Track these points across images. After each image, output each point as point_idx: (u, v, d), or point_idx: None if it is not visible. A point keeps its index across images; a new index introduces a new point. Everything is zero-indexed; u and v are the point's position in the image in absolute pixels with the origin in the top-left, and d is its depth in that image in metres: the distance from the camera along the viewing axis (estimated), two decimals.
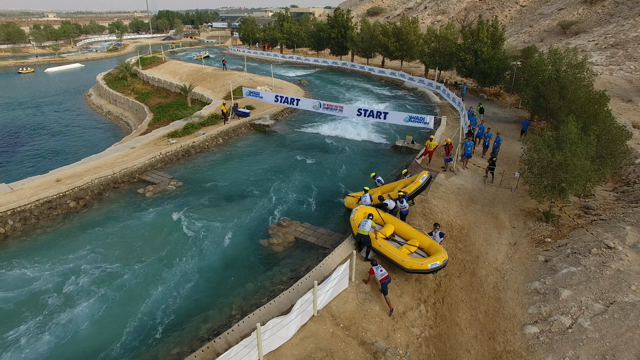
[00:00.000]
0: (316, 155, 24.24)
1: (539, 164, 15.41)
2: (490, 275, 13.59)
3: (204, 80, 45.38)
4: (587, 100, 21.50)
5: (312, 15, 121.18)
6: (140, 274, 13.56)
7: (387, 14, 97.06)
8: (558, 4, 62.79)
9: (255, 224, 16.80)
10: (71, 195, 18.26)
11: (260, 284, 13.08)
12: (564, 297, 11.66)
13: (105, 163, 21.56)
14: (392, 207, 14.77)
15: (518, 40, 56.29)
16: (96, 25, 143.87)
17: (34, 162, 29.66)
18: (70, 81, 63.93)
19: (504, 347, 10.93)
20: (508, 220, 16.50)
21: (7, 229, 16.10)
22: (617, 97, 31.77)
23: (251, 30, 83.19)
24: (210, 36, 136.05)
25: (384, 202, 14.84)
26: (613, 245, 13.12)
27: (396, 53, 50.05)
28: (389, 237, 13.80)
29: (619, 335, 10.09)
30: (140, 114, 40.25)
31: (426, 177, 16.00)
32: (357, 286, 12.02)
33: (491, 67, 34.44)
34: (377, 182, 17.09)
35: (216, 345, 9.78)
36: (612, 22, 49.00)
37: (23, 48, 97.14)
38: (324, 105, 26.61)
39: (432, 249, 12.83)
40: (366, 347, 10.19)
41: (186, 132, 26.86)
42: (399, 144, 25.29)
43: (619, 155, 17.21)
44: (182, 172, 21.74)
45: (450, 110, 33.01)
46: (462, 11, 78.49)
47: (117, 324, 11.53)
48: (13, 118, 42.52)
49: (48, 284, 13.08)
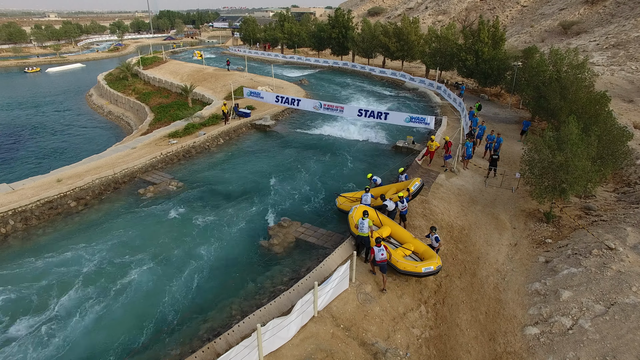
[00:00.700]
0: (317, 156, 24.24)
1: (540, 164, 15.40)
2: (490, 276, 13.58)
3: (205, 80, 45.41)
4: (588, 101, 21.49)
5: (313, 15, 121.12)
6: (140, 274, 13.57)
7: (388, 14, 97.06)
8: (559, 4, 62.74)
9: (256, 224, 16.81)
10: (72, 195, 18.29)
11: (261, 285, 13.08)
12: (565, 298, 11.65)
13: (106, 163, 21.59)
14: (392, 208, 14.76)
15: (519, 41, 56.26)
16: (97, 25, 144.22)
17: (35, 162, 29.72)
18: (71, 81, 64.04)
19: (504, 348, 10.93)
20: (509, 221, 16.48)
21: (8, 229, 16.12)
22: (619, 98, 31.74)
23: (252, 30, 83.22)
24: (211, 36, 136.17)
25: (384, 203, 14.83)
26: (614, 246, 13.10)
27: (397, 53, 50.04)
28: (385, 238, 13.88)
29: (619, 336, 10.08)
30: (141, 114, 40.29)
31: (418, 185, 16.03)
32: (357, 287, 12.02)
33: (492, 68, 34.42)
34: (373, 181, 17.06)
35: (216, 345, 9.78)
36: (614, 23, 48.95)
37: (24, 48, 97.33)
38: (324, 106, 26.61)
39: (426, 255, 12.97)
40: (366, 348, 10.19)
41: (187, 132, 26.88)
42: (400, 144, 25.28)
43: (620, 156, 17.19)
44: (182, 173, 21.76)
45: (451, 110, 32.99)
46: (463, 11, 78.46)
47: (117, 325, 11.55)
48: (14, 117, 42.62)
49: (48, 284, 13.09)
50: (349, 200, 16.52)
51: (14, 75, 71.82)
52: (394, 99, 40.00)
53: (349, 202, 16.40)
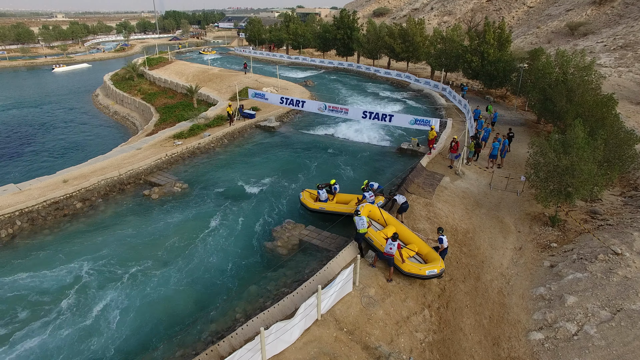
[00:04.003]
0: (321, 157, 24.24)
1: (545, 168, 15.31)
2: (495, 280, 13.52)
3: (210, 81, 45.58)
4: (594, 104, 21.31)
5: (318, 15, 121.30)
6: (144, 275, 13.65)
7: (393, 15, 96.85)
8: (566, 5, 62.26)
9: (260, 226, 16.85)
10: (78, 196, 18.43)
11: (265, 287, 13.11)
12: (570, 304, 11.57)
13: (112, 164, 21.72)
14: (401, 202, 15.33)
15: (525, 42, 55.88)
16: (104, 25, 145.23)
17: (41, 162, 30.00)
18: (77, 81, 64.54)
19: (508, 353, 10.87)
20: (513, 225, 16.39)
21: (15, 230, 16.28)
22: (626, 100, 31.43)
23: (257, 30, 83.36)
24: (216, 36, 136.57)
25: (394, 197, 15.56)
26: (620, 251, 12.99)
27: (402, 54, 49.91)
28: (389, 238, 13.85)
29: (626, 343, 9.99)
30: (146, 114, 40.53)
31: (380, 204, 16.04)
32: (361, 290, 12.01)
33: (497, 69, 34.24)
34: (370, 186, 17.12)
35: (220, 348, 9.82)
36: (622, 23, 48.48)
37: (32, 48, 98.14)
38: (329, 108, 26.63)
39: (430, 257, 13.02)
40: (370, 352, 10.17)
41: (192, 133, 26.99)
42: (405, 146, 25.21)
43: (627, 160, 17.05)
44: (187, 174, 21.85)
45: (456, 112, 32.86)
46: (469, 12, 78.07)
47: (119, 326, 11.62)
48: (22, 117, 43.03)
49: (52, 285, 13.21)
50: (311, 198, 17.26)
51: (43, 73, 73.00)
52: (399, 100, 39.91)
53: (310, 200, 17.16)
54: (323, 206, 16.90)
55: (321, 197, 17.06)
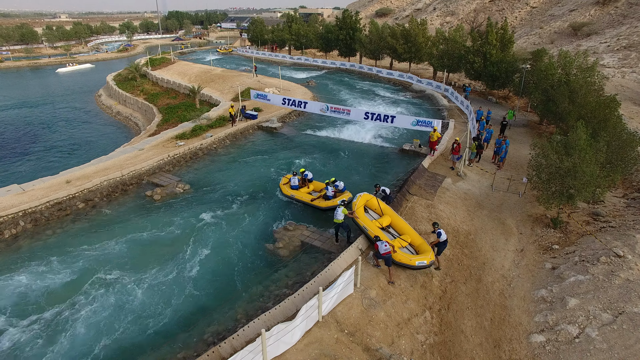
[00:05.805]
0: (323, 158, 24.27)
1: (547, 169, 15.28)
2: (496, 282, 13.50)
3: (213, 81, 45.68)
4: (597, 105, 21.24)
5: (321, 16, 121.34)
6: (145, 277, 13.70)
7: (396, 15, 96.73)
8: (569, 5, 62.06)
9: (262, 227, 16.88)
10: (80, 197, 18.52)
11: (266, 288, 13.14)
12: (571, 306, 11.55)
13: (114, 165, 21.81)
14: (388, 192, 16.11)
15: (528, 42, 55.74)
16: (107, 25, 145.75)
17: (45, 162, 30.14)
18: (80, 81, 64.80)
19: (509, 355, 10.86)
20: (515, 226, 16.37)
21: (19, 230, 16.38)
22: (629, 101, 31.30)
23: (260, 31, 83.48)
24: (219, 37, 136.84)
25: (382, 188, 16.08)
26: (622, 253, 12.95)
27: (404, 55, 49.88)
28: (384, 227, 14.46)
29: (628, 346, 9.96)
30: (149, 114, 40.66)
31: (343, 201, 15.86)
32: (362, 292, 12.02)
33: (500, 70, 34.19)
34: (335, 186, 17.82)
35: (221, 349, 9.86)
36: (625, 24, 48.28)
37: (36, 49, 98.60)
38: (331, 109, 26.65)
39: (422, 248, 13.39)
40: (370, 354, 10.19)
41: (194, 134, 27.06)
42: (407, 147, 25.19)
43: (629, 162, 16.97)
44: (189, 175, 21.92)
45: (459, 113, 32.82)
46: (472, 12, 77.91)
47: (121, 328, 11.67)
48: (25, 117, 43.24)
49: (53, 285, 13.28)
50: (288, 185, 18.53)
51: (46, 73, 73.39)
52: (401, 101, 39.89)
53: (287, 187, 18.54)
54: (294, 193, 18.28)
55: (292, 183, 18.32)
